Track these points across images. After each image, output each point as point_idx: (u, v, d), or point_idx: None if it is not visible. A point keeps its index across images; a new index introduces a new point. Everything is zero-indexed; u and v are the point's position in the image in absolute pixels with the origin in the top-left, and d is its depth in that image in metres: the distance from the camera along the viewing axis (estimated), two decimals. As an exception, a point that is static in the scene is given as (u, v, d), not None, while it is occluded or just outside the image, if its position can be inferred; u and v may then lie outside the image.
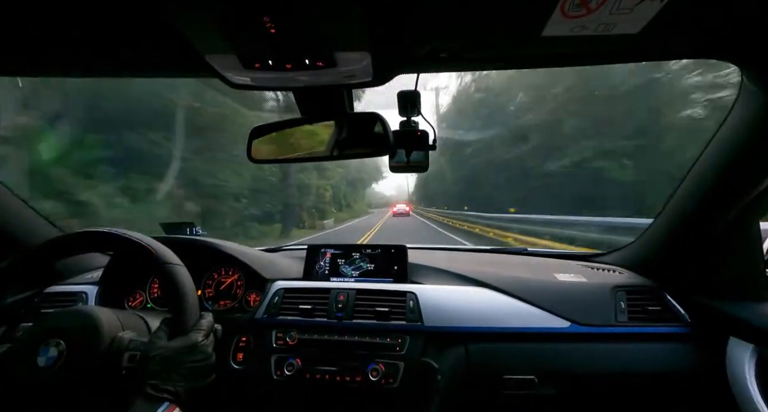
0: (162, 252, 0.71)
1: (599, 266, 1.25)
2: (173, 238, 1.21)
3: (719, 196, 0.87)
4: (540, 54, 0.67)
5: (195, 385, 0.62)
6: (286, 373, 0.95)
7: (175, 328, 0.66)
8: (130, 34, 0.60)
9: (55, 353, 0.61)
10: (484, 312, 1.01)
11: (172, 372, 0.60)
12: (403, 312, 1.02)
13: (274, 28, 0.50)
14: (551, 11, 0.50)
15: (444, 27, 0.57)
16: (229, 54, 0.58)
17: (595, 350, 0.97)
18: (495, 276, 1.13)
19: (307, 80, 0.68)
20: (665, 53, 0.69)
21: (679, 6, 0.49)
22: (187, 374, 0.61)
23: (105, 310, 0.69)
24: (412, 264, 1.20)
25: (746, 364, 0.83)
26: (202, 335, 0.67)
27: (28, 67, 0.78)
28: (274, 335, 1.01)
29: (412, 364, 0.93)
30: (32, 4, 0.52)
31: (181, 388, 0.59)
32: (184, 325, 0.66)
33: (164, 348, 0.62)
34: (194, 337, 0.65)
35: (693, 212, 0.94)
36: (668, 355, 0.96)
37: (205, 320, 0.70)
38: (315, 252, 1.25)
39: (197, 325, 0.68)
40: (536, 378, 0.93)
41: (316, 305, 1.06)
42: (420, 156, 0.89)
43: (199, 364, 0.64)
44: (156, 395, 0.57)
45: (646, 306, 1.02)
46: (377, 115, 0.79)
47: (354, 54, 0.59)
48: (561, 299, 1.03)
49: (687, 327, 0.98)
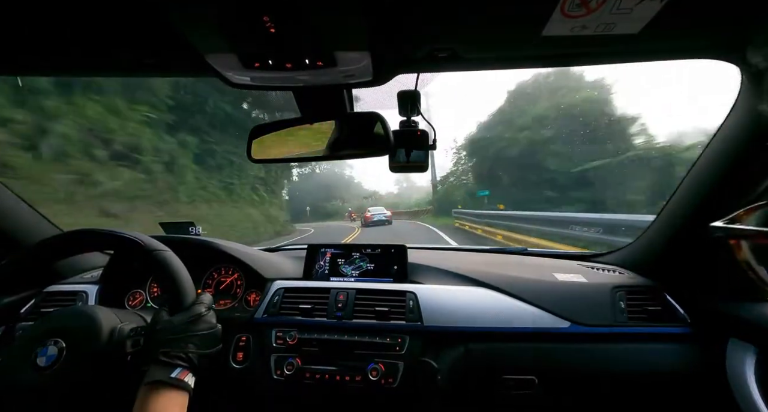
0: (148, 241, 0.72)
1: (599, 266, 1.25)
2: (173, 237, 1.21)
3: (719, 196, 0.87)
4: (540, 54, 0.67)
5: (205, 352, 0.63)
6: (285, 372, 0.95)
7: (175, 306, 0.67)
8: (130, 33, 0.60)
9: (54, 352, 0.61)
10: (484, 312, 1.01)
11: (180, 341, 0.61)
12: (402, 312, 1.02)
13: (274, 28, 0.50)
14: (551, 11, 0.50)
15: (444, 27, 0.57)
16: (229, 53, 0.58)
17: (594, 350, 0.97)
18: (495, 276, 1.13)
19: (307, 80, 0.68)
20: (665, 53, 0.69)
21: (679, 6, 0.49)
22: (195, 342, 0.62)
23: (104, 308, 0.69)
24: (412, 264, 1.20)
25: (746, 364, 0.83)
26: (205, 308, 0.68)
27: (27, 67, 0.78)
28: (274, 335, 1.01)
29: (412, 363, 0.93)
30: (32, 4, 0.53)
31: (193, 354, 0.61)
32: (183, 302, 0.67)
33: (168, 322, 0.63)
34: (197, 309, 0.67)
35: (693, 211, 0.94)
36: (668, 355, 0.96)
37: (205, 296, 0.71)
38: (315, 252, 1.25)
39: (197, 300, 0.69)
40: (536, 378, 0.93)
41: (315, 304, 1.06)
42: (420, 156, 0.89)
43: (206, 332, 0.65)
44: (168, 362, 0.58)
45: (645, 306, 1.02)
46: (377, 114, 0.79)
47: (354, 54, 0.59)
48: (561, 299, 1.03)
49: (687, 327, 0.98)
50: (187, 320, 0.64)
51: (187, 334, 0.62)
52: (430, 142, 0.86)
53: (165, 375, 0.57)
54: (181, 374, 0.58)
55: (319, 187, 54.46)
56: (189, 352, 0.60)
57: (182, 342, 0.61)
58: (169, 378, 0.57)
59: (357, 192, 64.27)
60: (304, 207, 46.25)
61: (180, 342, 0.61)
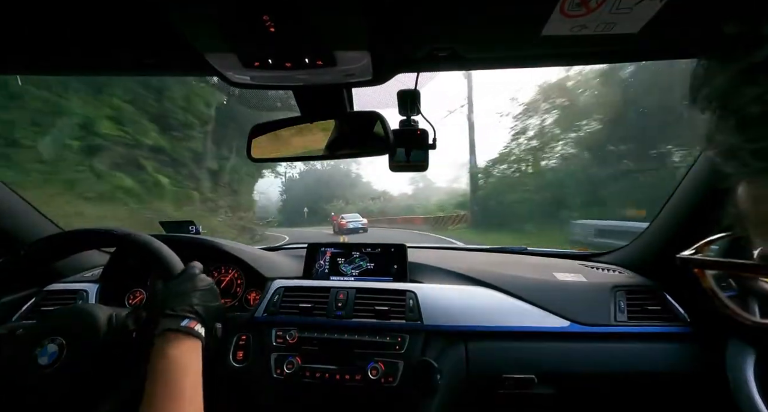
0: (122, 230, 0.73)
1: (599, 266, 1.25)
2: (173, 236, 1.21)
3: (718, 196, 0.87)
4: (540, 53, 0.67)
5: (208, 306, 0.66)
6: (285, 371, 0.96)
7: (168, 276, 0.68)
8: (130, 32, 0.60)
9: (55, 351, 0.61)
10: (484, 311, 1.02)
11: (181, 298, 0.63)
12: (402, 311, 1.02)
13: (274, 27, 0.50)
14: (551, 10, 0.50)
15: (443, 26, 0.57)
16: (229, 53, 0.58)
17: (594, 350, 0.97)
18: (494, 275, 1.13)
19: (307, 79, 0.68)
20: (665, 53, 0.69)
21: (679, 6, 0.49)
22: (197, 297, 0.65)
23: (104, 307, 0.69)
24: (412, 263, 1.20)
25: (746, 364, 0.83)
26: (198, 270, 0.70)
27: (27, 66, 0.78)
28: (274, 334, 1.01)
29: (412, 363, 0.93)
30: (32, 4, 0.53)
31: (198, 307, 0.63)
32: (174, 270, 0.69)
33: (165, 286, 0.66)
34: (189, 271, 0.69)
35: (693, 211, 0.94)
36: (668, 355, 0.96)
37: (194, 263, 0.72)
38: (315, 251, 1.25)
39: (188, 267, 0.70)
40: (535, 377, 0.93)
41: (315, 303, 1.06)
42: (420, 155, 0.89)
43: (204, 288, 0.67)
44: (176, 314, 0.61)
45: (645, 306, 1.02)
46: (377, 114, 0.79)
47: (354, 53, 0.59)
48: (560, 299, 1.04)
49: (687, 327, 0.98)
50: (183, 281, 0.66)
51: (186, 292, 0.65)
52: (429, 142, 0.86)
53: (176, 324, 0.60)
54: (190, 324, 0.60)
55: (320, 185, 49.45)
56: (194, 305, 0.63)
57: (184, 298, 0.64)
58: (180, 326, 0.59)
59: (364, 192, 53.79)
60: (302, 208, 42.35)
61: (182, 298, 0.63)
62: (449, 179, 54.63)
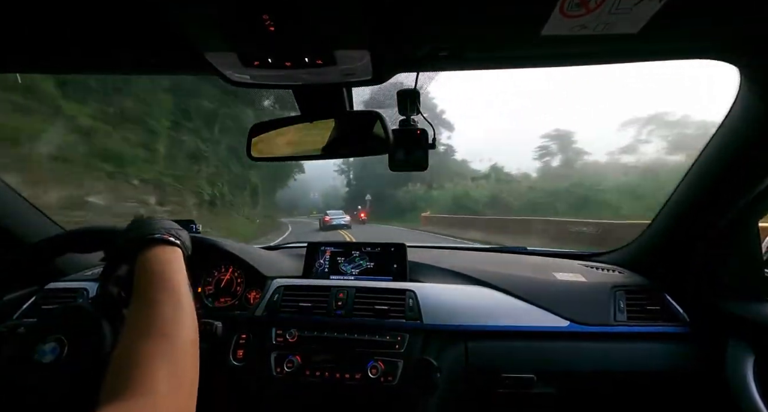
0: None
1: (598, 266, 1.25)
2: None
3: (718, 196, 0.87)
4: (540, 54, 0.67)
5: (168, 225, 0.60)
6: (285, 370, 0.96)
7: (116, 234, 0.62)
8: (130, 32, 0.60)
9: (56, 349, 0.61)
10: (484, 310, 1.02)
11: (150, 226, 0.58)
12: (402, 310, 1.02)
13: (274, 26, 0.50)
14: (550, 10, 0.50)
15: (443, 26, 0.57)
16: (229, 52, 0.58)
17: (593, 349, 0.97)
18: (494, 275, 1.13)
19: (307, 78, 0.68)
20: (664, 53, 0.69)
21: (678, 6, 0.49)
22: (165, 225, 0.60)
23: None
24: (412, 262, 1.20)
25: (745, 364, 0.83)
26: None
27: (28, 65, 0.78)
28: (274, 333, 1.02)
29: (411, 362, 0.93)
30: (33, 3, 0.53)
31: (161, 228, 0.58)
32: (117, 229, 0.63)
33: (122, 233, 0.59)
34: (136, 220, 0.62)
35: (692, 211, 0.94)
36: (667, 355, 0.96)
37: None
38: (315, 250, 1.25)
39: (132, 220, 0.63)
40: (535, 377, 0.93)
41: (315, 302, 1.06)
42: (420, 155, 0.89)
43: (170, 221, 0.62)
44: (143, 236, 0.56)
45: (645, 306, 1.02)
46: (376, 113, 0.79)
47: (353, 52, 0.59)
48: (560, 298, 1.04)
49: (686, 327, 0.98)
50: (134, 224, 0.61)
51: (142, 224, 0.59)
52: (429, 142, 0.86)
53: (149, 235, 0.55)
54: (164, 235, 0.56)
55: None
56: (155, 227, 0.58)
57: (153, 225, 0.58)
58: (155, 237, 0.55)
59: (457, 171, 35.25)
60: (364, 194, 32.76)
61: (151, 227, 0.58)
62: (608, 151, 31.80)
